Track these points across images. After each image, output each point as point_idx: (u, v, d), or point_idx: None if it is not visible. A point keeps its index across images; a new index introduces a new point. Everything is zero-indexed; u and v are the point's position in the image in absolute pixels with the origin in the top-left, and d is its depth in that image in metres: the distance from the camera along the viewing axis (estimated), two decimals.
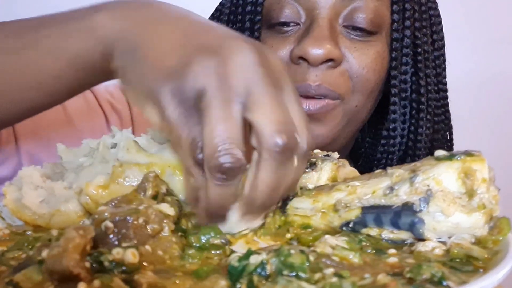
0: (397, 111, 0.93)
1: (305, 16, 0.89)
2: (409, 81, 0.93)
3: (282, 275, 0.41)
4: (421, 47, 0.93)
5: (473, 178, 0.50)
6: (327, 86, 0.86)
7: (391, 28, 0.91)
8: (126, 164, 0.57)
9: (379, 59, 0.90)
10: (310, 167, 0.61)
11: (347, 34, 0.89)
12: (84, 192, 0.56)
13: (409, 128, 0.94)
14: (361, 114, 0.93)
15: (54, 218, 0.57)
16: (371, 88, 0.90)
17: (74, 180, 0.60)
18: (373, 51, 0.89)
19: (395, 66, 0.92)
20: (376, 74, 0.90)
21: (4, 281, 0.41)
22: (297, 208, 0.58)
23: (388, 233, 0.52)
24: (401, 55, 0.92)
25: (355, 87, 0.89)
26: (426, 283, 0.40)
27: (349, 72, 0.88)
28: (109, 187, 0.56)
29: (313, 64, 0.85)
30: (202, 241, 0.49)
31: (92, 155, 0.62)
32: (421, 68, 0.93)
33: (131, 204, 0.49)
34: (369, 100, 0.92)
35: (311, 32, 0.86)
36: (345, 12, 0.88)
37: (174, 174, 0.58)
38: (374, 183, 0.54)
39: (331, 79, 0.87)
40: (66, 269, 0.37)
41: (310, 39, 0.85)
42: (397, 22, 0.91)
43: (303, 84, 0.86)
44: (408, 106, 0.93)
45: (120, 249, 0.42)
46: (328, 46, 0.84)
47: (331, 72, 0.87)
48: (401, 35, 0.91)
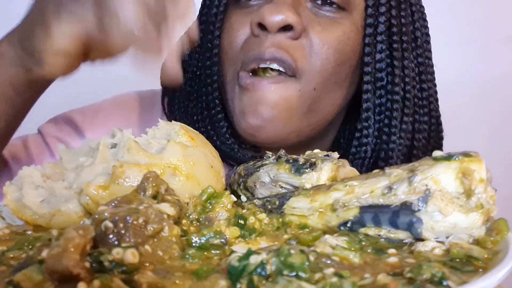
0: (370, 99, 0.87)
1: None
2: (385, 70, 0.87)
3: (282, 275, 0.40)
4: (397, 36, 0.87)
5: (471, 178, 0.49)
6: (282, 52, 0.81)
7: (365, 12, 0.86)
8: (127, 165, 0.56)
9: (344, 39, 0.84)
10: (310, 167, 0.61)
11: (313, 9, 0.84)
12: (84, 193, 0.55)
13: (383, 121, 0.88)
14: (324, 102, 0.86)
15: (54, 218, 0.57)
16: (331, 69, 0.84)
17: (74, 180, 0.59)
18: (339, 29, 0.84)
19: (368, 53, 0.86)
20: (337, 54, 0.84)
21: (4, 281, 0.40)
22: (294, 207, 0.58)
23: (387, 233, 0.52)
24: (375, 42, 0.87)
25: (314, 65, 0.83)
26: (427, 283, 0.40)
27: (309, 48, 0.82)
28: (109, 187, 0.55)
29: (271, 30, 0.81)
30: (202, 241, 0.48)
31: (92, 155, 0.61)
32: (397, 57, 0.87)
33: (131, 204, 0.48)
34: (331, 84, 0.85)
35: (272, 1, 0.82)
36: None
37: (174, 175, 0.58)
38: (372, 182, 0.54)
39: (288, 47, 0.81)
40: (66, 269, 0.36)
41: (269, 5, 0.81)
42: (371, 6, 0.86)
43: (257, 51, 0.82)
44: (384, 96, 0.88)
45: (120, 249, 0.41)
46: (287, 12, 0.80)
47: (289, 42, 0.81)
48: (375, 21, 0.86)
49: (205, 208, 0.55)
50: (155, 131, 0.64)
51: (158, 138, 0.63)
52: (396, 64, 0.87)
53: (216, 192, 0.57)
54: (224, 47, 0.88)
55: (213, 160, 0.64)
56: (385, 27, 0.86)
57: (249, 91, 0.83)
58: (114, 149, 0.61)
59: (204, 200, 0.56)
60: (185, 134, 0.62)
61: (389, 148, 0.87)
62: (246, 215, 0.56)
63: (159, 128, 0.64)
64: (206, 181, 0.60)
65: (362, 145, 0.88)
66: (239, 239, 0.53)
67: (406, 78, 0.88)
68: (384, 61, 0.87)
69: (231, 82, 0.87)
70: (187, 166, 0.59)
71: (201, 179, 0.60)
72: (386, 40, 0.87)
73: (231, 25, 0.87)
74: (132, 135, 0.62)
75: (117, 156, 0.59)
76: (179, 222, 0.52)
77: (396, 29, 0.87)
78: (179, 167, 0.58)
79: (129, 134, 0.62)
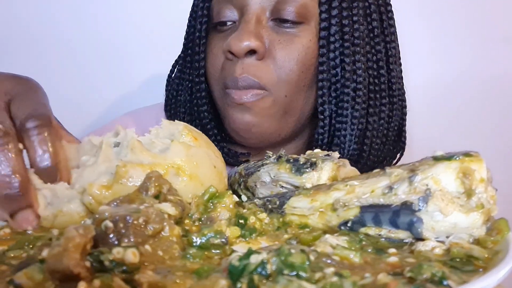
0: (325, 94, 0.96)
1: (238, 15, 0.95)
2: (338, 66, 0.96)
3: (283, 275, 0.39)
4: (348, 34, 0.95)
5: (471, 178, 0.49)
6: (252, 77, 0.92)
7: (319, 18, 0.95)
8: (130, 164, 0.56)
9: (303, 50, 0.93)
10: (310, 167, 0.61)
11: (275, 27, 0.93)
12: (87, 192, 0.55)
13: (336, 111, 0.98)
14: (296, 104, 0.97)
15: (57, 219, 0.56)
16: (296, 77, 0.94)
17: (76, 179, 0.58)
18: (298, 43, 0.93)
19: (322, 54, 0.95)
20: (300, 64, 0.93)
21: (5, 280, 0.40)
22: (294, 207, 0.58)
23: (387, 233, 0.52)
24: (328, 43, 0.95)
25: (280, 77, 0.93)
26: (427, 282, 0.39)
27: (273, 64, 0.92)
28: (112, 187, 0.55)
29: (238, 56, 0.91)
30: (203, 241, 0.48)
31: (95, 154, 0.61)
32: (347, 54, 0.95)
33: (133, 203, 0.48)
34: (299, 89, 0.95)
35: (238, 28, 0.93)
36: (270, 7, 0.93)
37: (177, 175, 0.57)
38: (372, 182, 0.54)
39: (255, 70, 0.92)
40: (67, 269, 0.36)
41: (234, 34, 0.92)
42: (324, 12, 0.94)
43: (232, 77, 0.93)
44: (338, 90, 0.97)
45: (121, 248, 0.40)
46: (250, 39, 0.90)
47: (256, 63, 0.92)
48: (328, 24, 0.94)
49: (207, 208, 0.55)
50: (158, 130, 0.64)
51: (162, 138, 0.62)
52: (347, 61, 0.95)
53: (218, 192, 0.56)
54: (208, 68, 1.00)
55: (216, 161, 0.64)
56: (337, 27, 0.95)
57: (237, 105, 0.94)
58: (117, 148, 0.61)
59: (206, 200, 0.55)
60: (188, 134, 0.62)
61: (341, 134, 0.97)
62: (247, 215, 0.56)
63: (162, 127, 0.64)
64: (209, 181, 0.60)
65: (320, 134, 0.98)
66: (239, 238, 0.52)
67: (358, 71, 0.96)
68: (338, 58, 0.95)
69: (220, 97, 0.99)
70: (190, 166, 0.59)
71: (204, 179, 0.60)
72: (339, 39, 0.95)
73: (212, 50, 0.99)
74: (136, 134, 0.61)
75: (120, 155, 0.59)
76: (182, 222, 0.52)
77: (348, 28, 0.95)
78: (182, 167, 0.58)
79: (132, 133, 0.61)
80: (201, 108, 1.02)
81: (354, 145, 0.98)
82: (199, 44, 1.00)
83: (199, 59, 1.00)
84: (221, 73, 0.96)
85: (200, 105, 1.02)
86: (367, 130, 0.99)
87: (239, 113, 0.94)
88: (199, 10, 1.00)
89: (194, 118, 1.05)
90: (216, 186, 0.58)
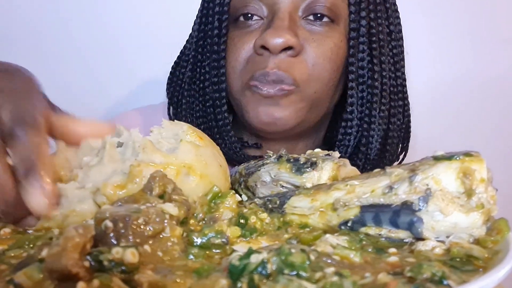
0: (354, 95, 0.98)
1: (267, 11, 0.95)
2: (366, 67, 0.98)
3: (283, 274, 0.39)
4: (376, 35, 0.98)
5: (471, 178, 0.49)
6: (283, 73, 0.92)
7: (348, 19, 0.97)
8: (144, 164, 0.56)
9: (335, 49, 0.95)
10: (310, 167, 0.60)
11: (306, 25, 0.94)
12: (101, 192, 0.54)
13: (365, 111, 0.99)
14: (323, 101, 0.98)
15: (68, 219, 0.55)
16: (328, 75, 0.95)
17: (83, 179, 0.58)
18: (330, 41, 0.95)
19: (352, 54, 0.97)
20: (332, 62, 0.95)
21: (5, 279, 0.40)
22: (295, 207, 0.57)
23: (387, 232, 0.51)
24: (358, 43, 0.97)
25: (313, 75, 0.94)
26: (427, 282, 0.39)
27: (307, 61, 0.93)
28: (126, 186, 0.55)
29: (273, 52, 0.91)
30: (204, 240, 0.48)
31: (97, 154, 0.61)
32: (375, 55, 0.98)
33: (137, 203, 0.47)
34: (328, 87, 0.97)
35: (272, 24, 0.92)
36: (303, 5, 0.94)
37: (189, 174, 0.57)
38: (373, 182, 0.53)
39: (289, 66, 0.92)
40: (65, 268, 0.36)
41: (270, 30, 0.91)
42: (353, 13, 0.96)
43: (262, 71, 0.93)
44: (365, 91, 0.99)
45: (120, 248, 0.40)
46: (287, 35, 0.90)
47: (289, 60, 0.92)
48: (358, 25, 0.96)
49: (211, 208, 0.55)
50: (160, 130, 0.64)
51: (167, 138, 0.62)
52: (375, 61, 0.98)
53: (221, 192, 0.56)
54: (230, 63, 0.99)
55: (221, 160, 0.64)
56: (365, 29, 0.97)
57: (263, 99, 0.94)
58: (120, 148, 0.61)
59: (209, 200, 0.55)
60: (193, 133, 0.62)
61: (369, 134, 0.99)
62: (248, 215, 0.55)
63: (164, 127, 0.64)
64: (217, 180, 0.60)
65: (347, 134, 1.00)
66: (240, 238, 0.52)
67: (383, 72, 0.99)
68: (366, 59, 0.98)
69: (240, 90, 0.98)
70: (200, 166, 0.59)
71: (213, 178, 0.60)
72: (367, 40, 0.97)
73: (235, 44, 0.98)
74: (140, 134, 0.61)
75: (125, 155, 0.59)
76: (187, 222, 0.52)
77: (374, 30, 0.98)
78: (193, 166, 0.58)
79: (137, 133, 0.61)
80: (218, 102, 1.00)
81: (378, 145, 0.99)
82: (218, 41, 0.99)
83: (219, 57, 0.98)
84: (245, 67, 0.96)
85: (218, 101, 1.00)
86: (389, 131, 1.01)
87: (265, 106, 0.94)
88: (217, 6, 0.99)
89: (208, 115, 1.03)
90: (223, 185, 0.58)
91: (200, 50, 1.03)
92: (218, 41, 0.98)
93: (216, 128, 1.01)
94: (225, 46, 0.98)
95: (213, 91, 1.01)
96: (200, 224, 0.53)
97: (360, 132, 1.00)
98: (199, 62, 1.04)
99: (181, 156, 0.58)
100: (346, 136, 1.00)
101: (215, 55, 0.99)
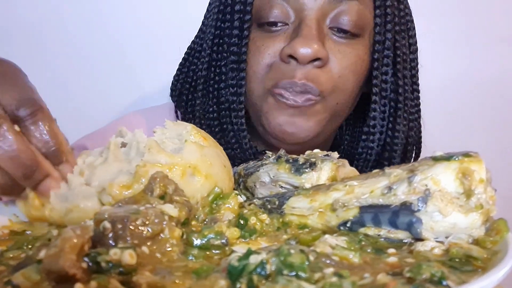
0: (377, 109, 0.97)
1: (294, 17, 0.92)
2: (389, 81, 0.97)
3: (282, 275, 0.39)
4: (400, 49, 0.97)
5: (470, 178, 0.48)
6: (311, 84, 0.90)
7: (373, 31, 0.95)
8: (150, 164, 0.55)
9: (359, 62, 0.94)
10: (309, 167, 0.60)
11: (332, 35, 0.92)
12: (107, 192, 0.54)
13: (387, 125, 0.98)
14: (342, 111, 0.97)
15: (71, 214, 0.55)
16: (351, 87, 0.94)
17: (89, 177, 0.58)
18: (355, 53, 0.93)
19: (376, 67, 0.95)
20: (356, 75, 0.94)
21: (3, 280, 0.39)
22: (294, 207, 0.57)
23: (386, 233, 0.51)
24: (382, 56, 0.96)
25: (338, 86, 0.92)
26: (426, 282, 0.39)
27: (333, 73, 0.91)
28: (132, 186, 0.55)
29: (302, 62, 0.89)
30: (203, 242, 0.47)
31: (101, 154, 0.61)
32: (399, 69, 0.97)
33: (138, 204, 0.47)
34: (350, 98, 0.96)
35: (300, 32, 0.89)
36: (331, 15, 0.91)
37: (194, 174, 0.57)
38: (372, 182, 0.53)
39: (316, 77, 0.90)
40: (62, 269, 0.36)
41: (299, 39, 0.88)
42: (379, 25, 0.95)
43: (290, 81, 0.90)
44: (387, 105, 0.98)
45: (118, 249, 0.40)
46: (316, 46, 0.88)
47: (315, 71, 0.90)
48: (383, 38, 0.95)
49: (212, 209, 0.55)
50: (163, 131, 0.64)
51: (170, 138, 0.62)
52: (399, 75, 0.97)
53: (222, 193, 0.56)
54: (252, 67, 0.95)
55: (225, 160, 0.63)
56: (390, 42, 0.96)
57: (288, 108, 0.92)
58: (124, 148, 0.60)
59: (210, 201, 0.55)
60: (197, 134, 0.62)
61: (392, 149, 0.98)
62: (247, 216, 0.55)
63: (167, 128, 0.64)
64: (221, 180, 0.60)
65: (368, 148, 0.99)
66: (239, 239, 0.52)
67: (405, 86, 0.98)
68: (389, 73, 0.96)
69: (262, 96, 0.95)
70: (205, 166, 0.59)
71: (217, 179, 0.59)
72: (392, 53, 0.96)
73: (258, 48, 0.94)
74: (145, 135, 0.61)
75: (129, 156, 0.59)
76: (189, 223, 0.52)
77: (398, 43, 0.97)
78: (198, 167, 0.58)
79: (141, 133, 0.61)
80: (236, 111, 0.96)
81: (399, 160, 0.99)
82: (239, 43, 0.95)
83: (239, 60, 0.95)
84: (269, 73, 0.93)
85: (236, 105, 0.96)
86: (408, 145, 1.01)
87: (289, 116, 0.92)
88: (237, 5, 0.95)
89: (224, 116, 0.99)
90: (227, 185, 0.58)
91: (216, 49, 0.99)
92: (239, 43, 0.95)
93: (232, 132, 0.98)
94: (246, 49, 0.95)
95: (231, 94, 0.97)
96: (202, 225, 0.53)
97: (381, 147, 0.99)
98: (215, 62, 1.00)
99: (186, 156, 0.58)
100: (368, 150, 0.99)
101: (235, 56, 0.95)
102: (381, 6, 0.95)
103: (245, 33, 0.94)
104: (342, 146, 1.11)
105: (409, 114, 1.00)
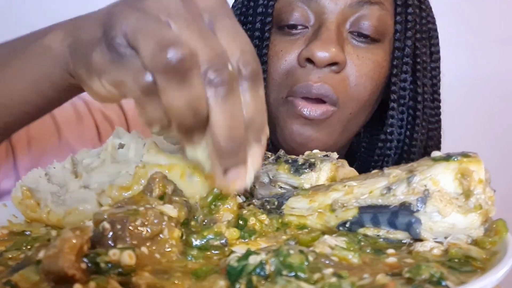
0: (395, 116, 0.95)
1: (314, 20, 0.90)
2: (408, 89, 0.95)
3: (281, 275, 0.39)
4: (420, 57, 0.95)
5: (469, 179, 0.48)
6: (327, 86, 0.87)
7: (393, 37, 0.93)
8: (149, 165, 0.55)
9: (378, 69, 0.92)
10: (309, 168, 0.60)
11: (352, 40, 0.90)
12: (106, 194, 0.54)
13: (405, 133, 0.96)
14: (356, 121, 0.94)
15: (70, 217, 0.55)
16: (367, 96, 0.92)
17: (87, 179, 0.58)
18: (373, 60, 0.91)
19: (395, 74, 0.93)
20: (373, 82, 0.91)
21: (2, 281, 0.39)
22: (293, 208, 0.57)
23: (385, 233, 0.51)
24: (401, 63, 0.94)
25: (353, 94, 0.90)
26: (425, 283, 0.39)
27: (349, 79, 0.89)
28: (131, 188, 0.54)
29: (318, 66, 0.87)
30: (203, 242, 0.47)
31: (99, 156, 0.61)
32: (419, 77, 0.95)
33: (137, 204, 0.47)
34: (364, 107, 0.93)
35: (319, 35, 0.87)
36: (352, 19, 0.89)
37: (193, 175, 0.57)
38: (371, 183, 0.53)
39: (332, 81, 0.88)
40: (61, 270, 0.36)
41: (318, 42, 0.86)
42: (399, 32, 0.93)
43: (305, 83, 0.88)
44: (405, 112, 0.96)
45: (117, 250, 0.40)
46: (334, 50, 0.86)
47: (333, 76, 0.88)
48: (403, 45, 0.93)
49: (211, 210, 0.54)
50: None
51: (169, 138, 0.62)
52: (418, 83, 0.95)
53: (221, 194, 0.56)
54: (271, 74, 0.93)
55: None
56: (410, 50, 0.94)
57: (302, 118, 0.89)
58: (122, 149, 0.60)
59: (209, 202, 0.55)
60: None
61: (409, 158, 0.95)
62: (247, 216, 0.55)
63: None
64: None
65: (385, 155, 0.97)
66: (239, 240, 0.52)
67: (425, 95, 0.96)
68: (408, 80, 0.94)
69: (278, 104, 0.93)
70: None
71: None
72: (411, 61, 0.94)
73: (277, 53, 0.92)
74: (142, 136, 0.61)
75: (127, 157, 0.58)
76: (188, 224, 0.52)
77: (418, 51, 0.95)
78: (198, 168, 0.57)
79: (138, 134, 0.61)
80: None
81: None
82: (259, 45, 0.93)
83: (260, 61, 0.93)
84: (286, 79, 0.91)
85: None
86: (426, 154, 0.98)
87: (302, 126, 0.90)
88: (260, 7, 0.93)
89: None
90: None
91: None
92: (260, 45, 0.93)
93: None
94: (267, 50, 0.93)
95: None
96: (201, 226, 0.53)
97: (398, 155, 0.97)
98: None
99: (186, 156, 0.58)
100: (384, 158, 0.97)
101: None
102: (402, 13, 0.93)
103: (266, 35, 0.93)
104: (358, 153, 1.09)
105: (428, 123, 0.98)
